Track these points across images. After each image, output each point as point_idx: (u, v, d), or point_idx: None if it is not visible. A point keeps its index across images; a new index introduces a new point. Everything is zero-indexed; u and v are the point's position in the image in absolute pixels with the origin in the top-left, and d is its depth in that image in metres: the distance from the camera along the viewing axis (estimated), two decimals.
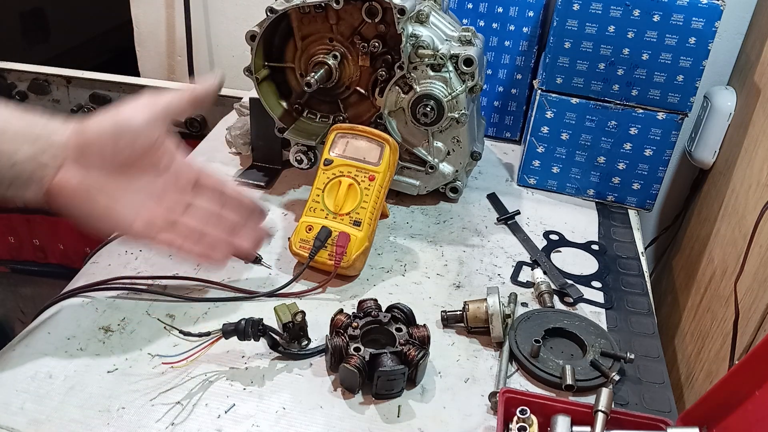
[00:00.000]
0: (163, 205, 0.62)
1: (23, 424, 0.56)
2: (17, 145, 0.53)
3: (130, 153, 0.58)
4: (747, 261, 0.76)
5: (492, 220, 0.91)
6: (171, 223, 0.62)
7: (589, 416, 0.55)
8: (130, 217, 0.60)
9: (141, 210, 0.60)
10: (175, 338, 0.65)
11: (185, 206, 0.63)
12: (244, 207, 0.66)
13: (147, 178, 0.60)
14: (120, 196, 0.59)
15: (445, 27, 0.84)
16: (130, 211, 0.59)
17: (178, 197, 0.63)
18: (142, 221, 0.60)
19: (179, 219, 0.62)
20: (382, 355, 0.61)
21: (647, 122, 0.91)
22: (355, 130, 0.79)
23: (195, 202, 0.64)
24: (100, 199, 0.57)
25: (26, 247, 1.48)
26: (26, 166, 0.53)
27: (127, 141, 0.57)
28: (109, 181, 0.58)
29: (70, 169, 0.55)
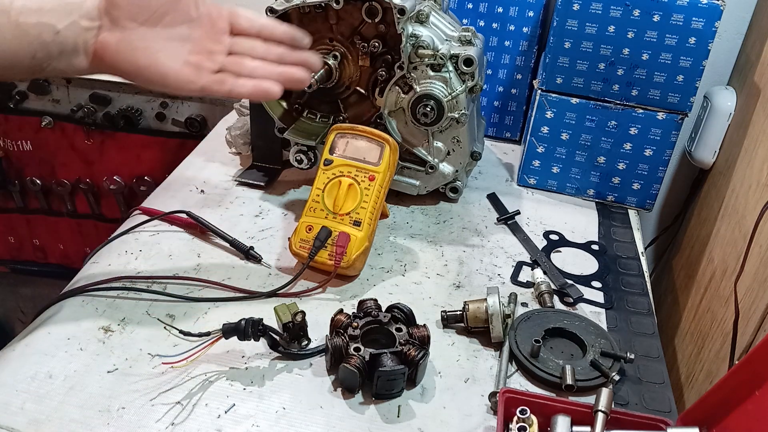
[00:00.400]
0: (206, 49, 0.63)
1: (23, 424, 0.56)
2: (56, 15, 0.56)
3: (157, 4, 0.59)
4: (747, 261, 0.76)
5: (492, 220, 0.91)
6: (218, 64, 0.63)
7: (589, 416, 0.55)
8: (176, 65, 0.61)
9: (186, 57, 0.61)
10: (175, 338, 0.65)
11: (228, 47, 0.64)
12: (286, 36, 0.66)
13: (184, 27, 0.62)
14: (161, 47, 0.60)
15: (445, 27, 0.84)
16: (174, 60, 0.61)
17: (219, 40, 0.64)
18: (189, 67, 0.61)
19: (225, 59, 0.63)
20: (382, 355, 0.61)
21: (647, 122, 0.91)
22: (355, 130, 0.79)
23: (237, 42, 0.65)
24: (142, 53, 0.59)
25: (26, 247, 1.48)
26: (68, 33, 0.57)
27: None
28: (147, 35, 0.60)
29: (107, 30, 0.58)
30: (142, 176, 1.33)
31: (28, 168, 1.37)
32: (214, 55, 0.63)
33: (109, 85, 1.26)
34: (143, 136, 1.30)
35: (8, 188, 1.38)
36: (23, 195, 1.40)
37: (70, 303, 0.70)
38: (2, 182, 1.37)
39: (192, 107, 1.27)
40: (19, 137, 1.34)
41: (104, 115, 1.30)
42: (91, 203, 1.39)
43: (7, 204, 1.42)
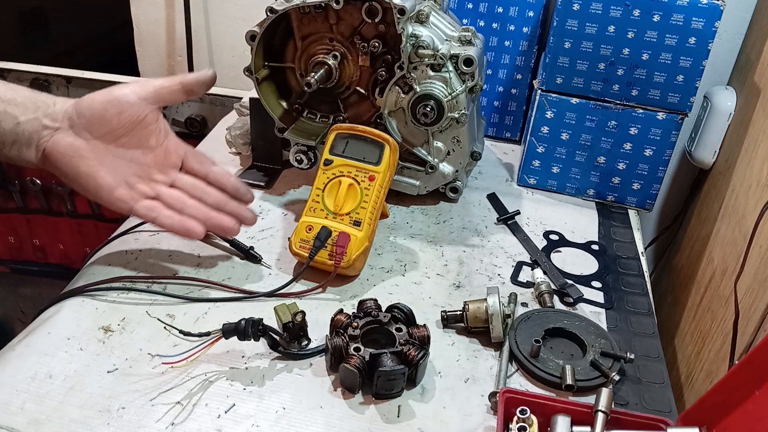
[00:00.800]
0: (149, 177, 0.68)
1: (23, 424, 0.56)
2: (23, 109, 0.62)
3: (117, 125, 0.65)
4: (747, 261, 0.76)
5: (492, 220, 0.91)
6: (154, 194, 0.68)
7: (589, 416, 0.55)
8: (113, 183, 0.66)
9: (126, 178, 0.66)
10: (175, 338, 0.65)
11: (171, 182, 0.69)
12: (230, 187, 0.70)
13: (136, 152, 0.67)
14: (107, 163, 0.65)
15: (445, 27, 0.84)
16: (114, 178, 0.65)
17: (165, 173, 0.69)
18: (125, 188, 0.66)
19: (162, 191, 0.68)
20: (382, 355, 0.61)
21: (647, 122, 0.91)
22: (355, 130, 0.79)
23: (181, 178, 0.69)
24: (86, 163, 0.64)
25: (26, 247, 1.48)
26: (28, 126, 0.62)
27: (115, 113, 0.64)
28: (97, 148, 0.64)
29: (63, 133, 0.63)
30: None
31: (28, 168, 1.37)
32: (155, 184, 0.68)
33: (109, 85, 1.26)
34: None
35: (8, 188, 1.38)
36: (23, 195, 1.40)
37: (70, 303, 0.70)
38: (2, 182, 1.37)
39: (192, 107, 1.27)
40: None
41: None
42: (91, 203, 1.39)
43: (7, 204, 1.42)
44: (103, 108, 0.64)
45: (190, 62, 1.34)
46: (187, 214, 0.67)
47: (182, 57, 1.36)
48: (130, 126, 0.65)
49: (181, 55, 1.36)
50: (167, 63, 1.40)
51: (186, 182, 0.69)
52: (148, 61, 1.41)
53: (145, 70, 1.42)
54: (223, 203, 0.70)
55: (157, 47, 1.38)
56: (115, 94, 0.64)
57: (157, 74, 1.41)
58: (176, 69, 1.40)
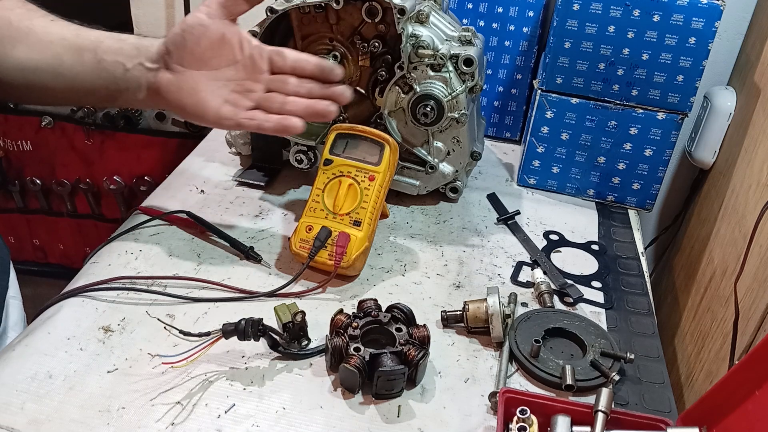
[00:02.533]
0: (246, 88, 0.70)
1: (23, 424, 0.56)
2: (128, 56, 0.66)
3: (201, 50, 0.67)
4: (747, 261, 0.76)
5: (492, 220, 0.91)
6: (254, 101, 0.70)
7: (589, 416, 0.55)
8: (216, 104, 0.68)
9: (226, 96, 0.69)
10: (175, 338, 0.65)
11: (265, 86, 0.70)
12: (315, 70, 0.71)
13: (228, 69, 0.69)
14: (204, 88, 0.68)
15: (445, 27, 0.84)
16: (215, 99, 0.68)
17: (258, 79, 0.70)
18: (227, 106, 0.69)
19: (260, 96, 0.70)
20: (382, 355, 0.61)
21: (647, 122, 0.91)
22: (355, 130, 0.79)
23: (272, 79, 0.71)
24: (187, 93, 0.68)
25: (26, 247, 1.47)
26: (135, 71, 0.67)
27: (195, 40, 0.66)
28: (193, 77, 0.67)
29: (162, 72, 0.67)
30: (142, 176, 1.33)
31: (28, 168, 1.37)
32: (251, 94, 0.70)
33: None
34: (143, 136, 1.30)
35: (8, 188, 1.38)
36: (23, 195, 1.40)
37: (70, 303, 0.70)
38: (2, 182, 1.37)
39: None
40: (19, 137, 1.34)
41: (104, 115, 1.30)
42: (91, 203, 1.39)
43: (7, 204, 1.42)
44: (183, 39, 0.66)
45: None
46: (286, 112, 0.69)
47: None
48: (213, 47, 0.67)
49: None
50: None
51: (277, 81, 0.71)
52: None
53: None
54: (315, 90, 0.71)
55: None
56: (189, 23, 0.66)
57: None
58: None
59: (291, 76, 0.71)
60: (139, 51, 0.67)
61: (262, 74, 0.70)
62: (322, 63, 0.71)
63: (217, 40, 0.67)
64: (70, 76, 0.66)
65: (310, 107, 0.70)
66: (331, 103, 0.70)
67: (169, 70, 0.67)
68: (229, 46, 0.68)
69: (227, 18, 0.68)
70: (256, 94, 0.70)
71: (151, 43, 0.67)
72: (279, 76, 0.71)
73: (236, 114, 0.69)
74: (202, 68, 0.68)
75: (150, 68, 0.67)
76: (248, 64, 0.69)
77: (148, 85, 0.67)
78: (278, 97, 0.70)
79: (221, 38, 0.67)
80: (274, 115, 0.69)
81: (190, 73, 0.67)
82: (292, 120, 0.69)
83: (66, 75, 0.65)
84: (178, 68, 0.67)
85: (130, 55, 0.66)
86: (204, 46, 0.67)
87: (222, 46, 0.68)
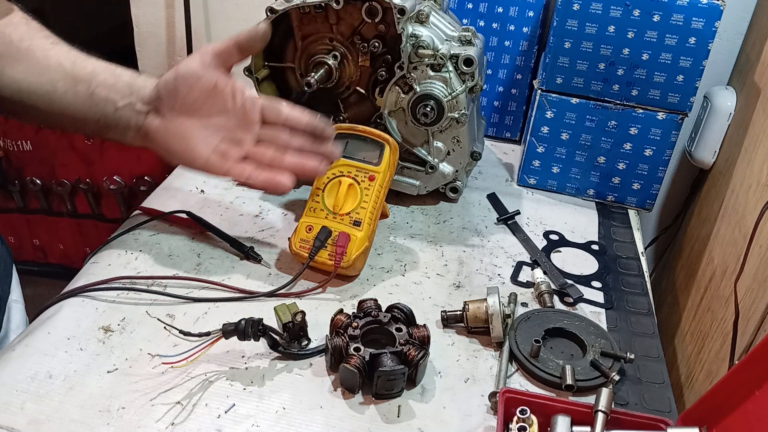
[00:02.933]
0: (236, 138, 0.69)
1: (23, 424, 0.56)
2: (121, 95, 0.66)
3: (192, 98, 0.66)
4: (747, 261, 0.76)
5: (492, 220, 0.91)
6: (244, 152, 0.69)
7: (589, 416, 0.55)
8: (204, 153, 0.68)
9: (215, 146, 0.68)
10: (175, 338, 0.65)
11: (256, 138, 0.70)
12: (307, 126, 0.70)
13: (220, 118, 0.68)
14: (194, 135, 0.67)
15: (445, 27, 0.84)
16: (204, 148, 0.68)
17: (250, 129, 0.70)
18: (216, 155, 0.68)
19: (250, 150, 0.69)
20: (382, 355, 0.61)
21: (647, 122, 0.91)
22: (355, 130, 0.79)
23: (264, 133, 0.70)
24: (176, 140, 0.67)
25: (26, 247, 1.48)
26: (125, 111, 0.66)
27: (187, 88, 0.66)
28: (183, 124, 0.67)
29: (152, 115, 0.67)
30: (142, 176, 1.33)
31: (28, 168, 1.37)
32: (242, 144, 0.69)
33: None
34: None
35: (8, 188, 1.38)
36: (23, 195, 1.40)
37: (70, 303, 0.70)
38: (2, 182, 1.37)
39: None
40: (19, 137, 1.34)
41: None
42: (91, 203, 1.39)
43: (7, 204, 1.42)
44: (175, 87, 0.66)
45: None
46: (276, 167, 0.69)
47: (182, 57, 1.36)
48: (205, 96, 0.67)
49: (181, 55, 1.36)
50: (167, 63, 1.39)
51: (268, 134, 0.70)
52: (148, 62, 1.41)
53: (145, 70, 1.42)
54: (306, 145, 0.70)
55: (157, 47, 1.38)
56: (182, 71, 0.66)
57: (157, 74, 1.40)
58: None
59: (283, 130, 0.70)
60: (131, 90, 0.66)
61: (254, 125, 0.70)
62: (313, 122, 0.70)
63: (210, 89, 0.67)
64: (63, 104, 0.65)
65: (300, 164, 0.69)
66: (321, 161, 0.69)
67: (160, 114, 0.66)
68: (221, 96, 0.67)
69: (221, 68, 0.67)
70: (246, 145, 0.69)
71: (145, 84, 0.67)
72: (271, 129, 0.70)
73: (225, 164, 0.68)
74: (193, 116, 0.67)
75: (140, 110, 0.66)
76: (240, 114, 0.69)
77: (137, 126, 0.67)
78: (268, 150, 0.69)
79: (214, 87, 0.67)
80: (264, 172, 0.68)
81: (181, 120, 0.67)
82: (281, 179, 0.68)
83: (58, 102, 0.65)
84: (169, 114, 0.66)
85: (122, 93, 0.66)
86: (196, 95, 0.66)
87: (214, 95, 0.67)
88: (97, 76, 0.65)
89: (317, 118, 0.70)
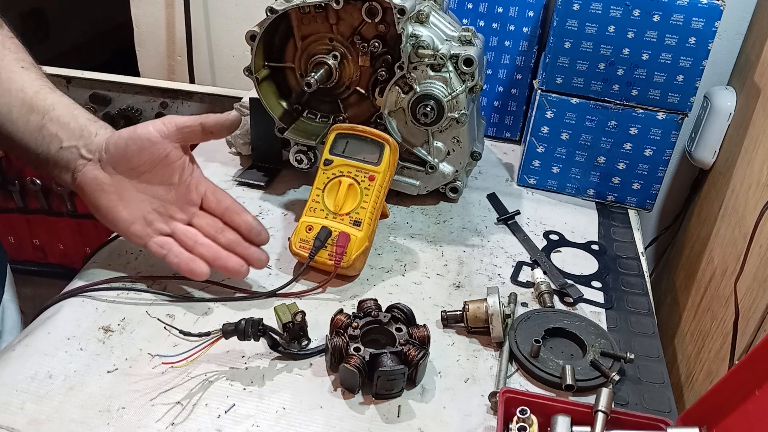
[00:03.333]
0: (168, 214, 0.69)
1: (23, 424, 0.56)
2: (69, 135, 0.65)
3: (138, 161, 0.66)
4: (747, 261, 0.76)
5: (492, 220, 0.91)
6: (169, 231, 0.69)
7: (589, 416, 0.55)
8: (130, 218, 0.67)
9: (144, 214, 0.68)
10: (175, 338, 0.65)
11: (189, 219, 0.70)
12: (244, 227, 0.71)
13: (159, 188, 0.68)
14: (126, 198, 0.67)
15: (445, 27, 0.84)
16: (131, 213, 0.67)
17: (184, 210, 0.70)
18: (140, 225, 0.68)
19: (178, 228, 0.69)
20: (382, 355, 0.61)
21: (647, 122, 0.91)
22: (355, 130, 0.79)
23: (199, 217, 0.70)
24: (107, 197, 0.66)
25: (26, 247, 1.47)
26: (67, 153, 0.65)
27: (136, 150, 0.66)
28: (120, 183, 0.67)
29: (92, 166, 0.66)
30: None
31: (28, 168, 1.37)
32: (171, 221, 0.69)
33: (109, 85, 1.26)
34: None
35: (8, 188, 1.38)
36: (23, 195, 1.40)
37: (70, 303, 0.70)
38: (2, 182, 1.37)
39: (192, 107, 1.27)
40: None
41: (104, 115, 1.29)
42: None
43: (7, 204, 1.41)
44: (126, 145, 0.65)
45: (190, 62, 1.34)
46: (197, 253, 0.68)
47: (182, 57, 1.36)
48: (152, 163, 0.67)
49: (181, 55, 1.36)
50: (167, 63, 1.40)
51: (203, 221, 0.70)
52: (148, 61, 1.41)
53: (145, 70, 1.42)
54: (235, 244, 0.70)
55: (157, 47, 1.38)
56: (138, 133, 0.66)
57: (157, 74, 1.41)
58: (176, 69, 1.40)
59: (218, 220, 0.70)
60: (81, 134, 0.66)
61: (191, 207, 0.70)
62: (252, 222, 0.70)
63: (159, 158, 0.67)
64: (13, 130, 0.65)
65: (221, 260, 0.68)
66: (243, 264, 0.69)
67: (102, 168, 0.66)
68: (169, 168, 0.67)
69: (180, 142, 0.67)
70: (176, 223, 0.69)
71: (96, 132, 0.66)
72: (207, 216, 0.70)
73: (147, 235, 0.68)
74: (132, 178, 0.67)
75: (83, 156, 0.66)
76: (182, 191, 0.69)
77: (75, 171, 0.66)
78: (196, 235, 0.69)
79: (164, 158, 0.67)
80: (186, 254, 0.68)
81: (119, 179, 0.66)
82: (199, 266, 0.67)
83: (9, 127, 0.65)
84: (109, 169, 0.66)
85: (71, 134, 0.65)
86: (143, 160, 0.66)
87: (162, 166, 0.67)
88: (53, 110, 0.65)
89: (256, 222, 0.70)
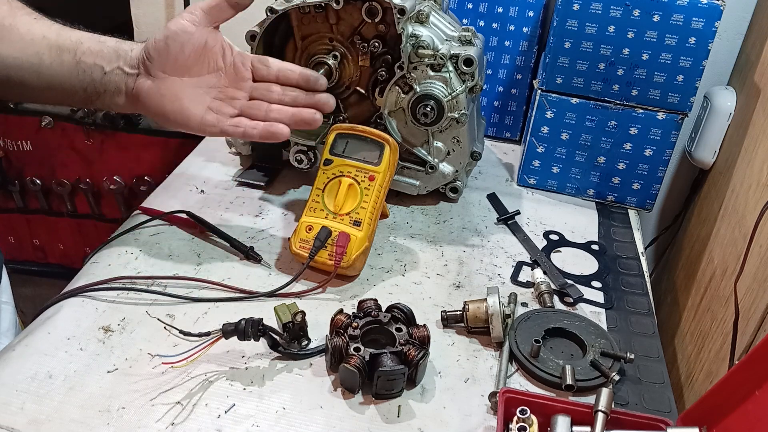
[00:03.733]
0: (229, 95, 0.70)
1: (23, 424, 0.56)
2: (108, 60, 0.66)
3: (184, 57, 0.67)
4: (747, 261, 0.76)
5: (492, 220, 0.91)
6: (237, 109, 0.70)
7: (589, 416, 0.56)
8: (198, 112, 0.68)
9: (208, 104, 0.69)
10: (175, 338, 0.65)
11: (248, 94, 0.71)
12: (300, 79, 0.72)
13: (211, 77, 0.69)
14: (186, 95, 0.68)
15: (445, 27, 0.84)
16: (197, 107, 0.68)
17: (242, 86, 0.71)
18: (210, 114, 0.69)
19: (244, 105, 0.70)
20: (382, 355, 0.61)
21: (647, 122, 0.91)
22: (355, 130, 0.79)
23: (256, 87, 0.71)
24: (168, 100, 0.67)
25: (26, 247, 1.47)
26: (113, 75, 0.66)
27: (178, 47, 0.66)
28: (174, 84, 0.67)
29: (142, 78, 0.67)
30: (142, 176, 1.33)
31: (28, 168, 1.37)
32: (235, 101, 0.70)
33: None
34: (143, 136, 1.30)
35: (8, 188, 1.38)
36: (23, 195, 1.40)
37: (70, 303, 0.70)
38: (2, 182, 1.37)
39: None
40: (19, 137, 1.34)
41: (104, 115, 1.30)
42: (91, 203, 1.39)
43: (7, 204, 1.42)
44: (167, 45, 0.66)
45: None
46: (272, 118, 0.70)
47: None
48: (196, 54, 0.67)
49: None
50: None
51: (261, 89, 0.71)
52: None
53: None
54: (300, 98, 0.72)
55: None
56: (173, 29, 0.66)
57: None
58: None
59: (275, 84, 0.71)
60: (118, 55, 0.66)
61: (246, 82, 0.70)
62: (306, 72, 0.71)
63: (201, 48, 0.67)
64: (50, 75, 0.65)
65: (296, 115, 0.70)
66: (316, 111, 0.70)
67: (151, 76, 0.66)
68: (212, 54, 0.68)
69: (211, 25, 0.68)
70: (239, 101, 0.70)
71: (131, 48, 0.67)
72: (263, 84, 0.71)
73: (220, 121, 0.69)
74: (184, 75, 0.67)
75: (129, 73, 0.66)
76: (231, 71, 0.70)
77: (127, 90, 0.67)
78: (262, 104, 0.70)
79: (204, 46, 0.67)
80: (260, 122, 0.69)
81: (172, 80, 0.67)
82: (278, 126, 0.68)
83: (45, 74, 0.65)
84: (160, 74, 0.67)
85: (108, 58, 0.66)
86: (187, 54, 0.67)
87: (205, 54, 0.68)
88: (82, 44, 0.65)
89: (311, 71, 0.72)
